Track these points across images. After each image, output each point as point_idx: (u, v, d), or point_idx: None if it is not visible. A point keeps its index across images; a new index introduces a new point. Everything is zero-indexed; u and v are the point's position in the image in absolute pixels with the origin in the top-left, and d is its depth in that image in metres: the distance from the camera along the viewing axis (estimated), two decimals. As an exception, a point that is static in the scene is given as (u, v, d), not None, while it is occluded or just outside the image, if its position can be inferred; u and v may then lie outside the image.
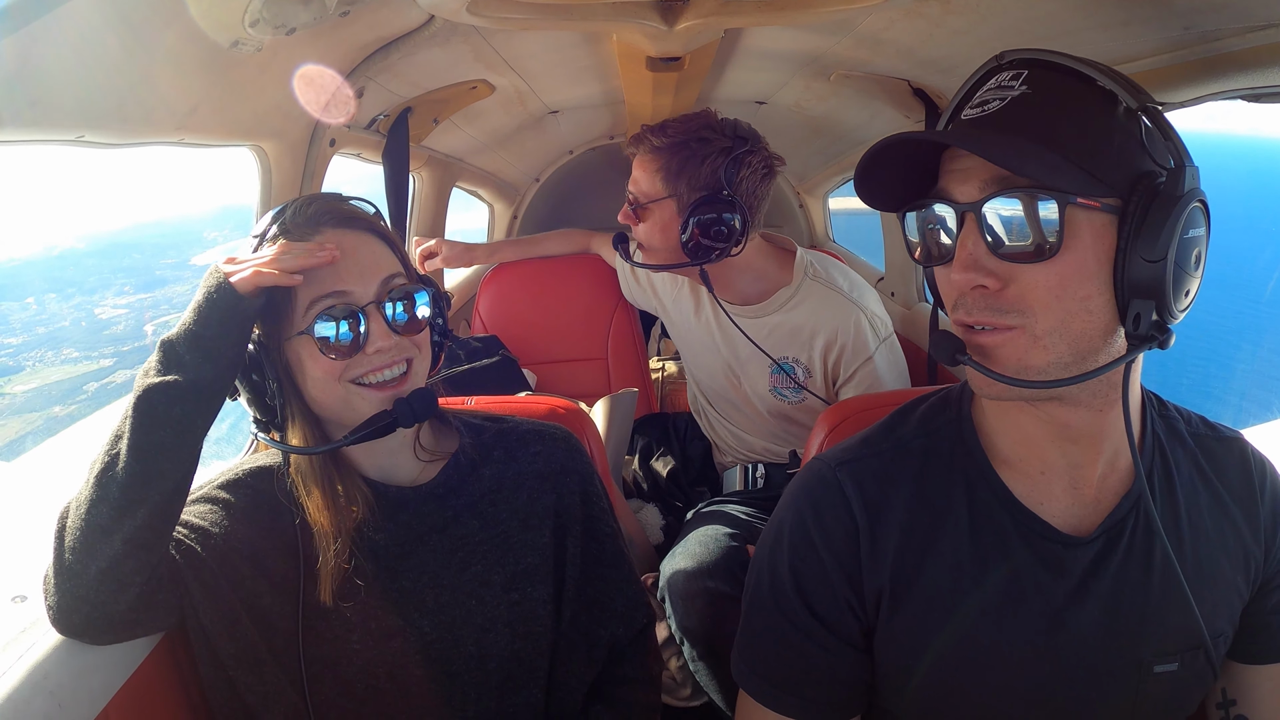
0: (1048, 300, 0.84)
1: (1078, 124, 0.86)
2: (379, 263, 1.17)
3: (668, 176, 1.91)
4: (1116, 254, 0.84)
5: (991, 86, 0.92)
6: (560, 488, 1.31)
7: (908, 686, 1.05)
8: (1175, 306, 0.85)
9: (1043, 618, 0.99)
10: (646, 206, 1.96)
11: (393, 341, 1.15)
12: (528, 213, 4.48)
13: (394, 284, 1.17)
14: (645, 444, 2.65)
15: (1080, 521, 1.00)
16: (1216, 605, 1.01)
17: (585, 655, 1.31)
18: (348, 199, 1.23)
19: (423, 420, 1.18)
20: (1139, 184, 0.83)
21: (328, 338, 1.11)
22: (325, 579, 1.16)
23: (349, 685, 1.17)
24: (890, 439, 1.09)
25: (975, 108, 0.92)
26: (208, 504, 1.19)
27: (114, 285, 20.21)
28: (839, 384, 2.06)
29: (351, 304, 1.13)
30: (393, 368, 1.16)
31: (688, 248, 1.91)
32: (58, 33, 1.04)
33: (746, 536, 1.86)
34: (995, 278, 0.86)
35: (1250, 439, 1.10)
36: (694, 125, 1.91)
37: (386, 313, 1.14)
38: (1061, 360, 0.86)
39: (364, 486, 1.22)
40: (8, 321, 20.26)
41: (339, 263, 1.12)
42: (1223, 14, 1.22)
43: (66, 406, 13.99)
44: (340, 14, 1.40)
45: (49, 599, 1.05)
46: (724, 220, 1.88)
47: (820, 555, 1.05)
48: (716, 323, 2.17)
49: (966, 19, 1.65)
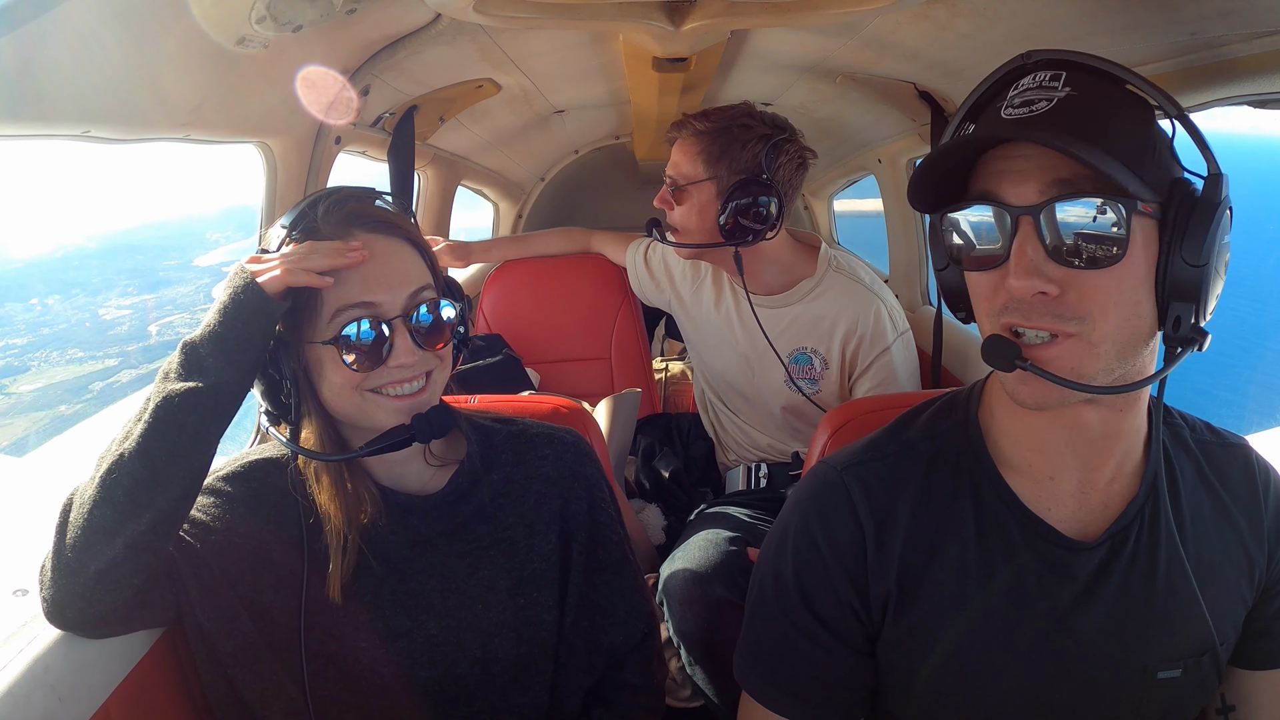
0: (1107, 306, 0.84)
1: (1125, 128, 0.86)
2: (409, 274, 1.14)
3: (709, 160, 1.95)
4: (1159, 258, 0.84)
5: (1031, 86, 0.90)
6: (567, 493, 1.31)
7: (912, 690, 1.05)
8: (1208, 308, 0.86)
9: (1047, 622, 0.99)
10: (685, 189, 1.99)
11: (416, 356, 1.12)
12: (533, 212, 4.48)
13: (422, 297, 1.14)
14: (648, 444, 2.65)
15: (1086, 526, 1.00)
16: (1220, 611, 1.01)
17: (587, 660, 1.31)
18: (379, 195, 1.20)
19: (440, 437, 1.17)
20: (1175, 189, 0.84)
21: (351, 348, 1.09)
22: (335, 575, 1.16)
23: (353, 683, 1.17)
24: (896, 443, 1.08)
25: (1019, 107, 0.89)
26: (209, 496, 1.17)
27: (117, 286, 20.34)
28: (855, 376, 2.09)
29: (378, 315, 1.10)
30: (413, 381, 1.14)
31: (725, 229, 1.95)
32: (64, 28, 1.04)
33: (748, 539, 1.86)
34: (1055, 283, 0.85)
35: (1257, 445, 1.09)
36: (735, 113, 1.97)
37: (412, 326, 1.12)
38: (1110, 365, 0.86)
39: (374, 489, 1.21)
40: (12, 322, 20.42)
41: (368, 271, 1.09)
42: (1229, 20, 1.21)
43: (72, 405, 14.09)
44: (347, 11, 1.40)
45: (44, 590, 1.05)
46: (762, 203, 1.93)
47: (825, 559, 1.04)
48: (738, 314, 2.20)
49: (974, 23, 1.65)
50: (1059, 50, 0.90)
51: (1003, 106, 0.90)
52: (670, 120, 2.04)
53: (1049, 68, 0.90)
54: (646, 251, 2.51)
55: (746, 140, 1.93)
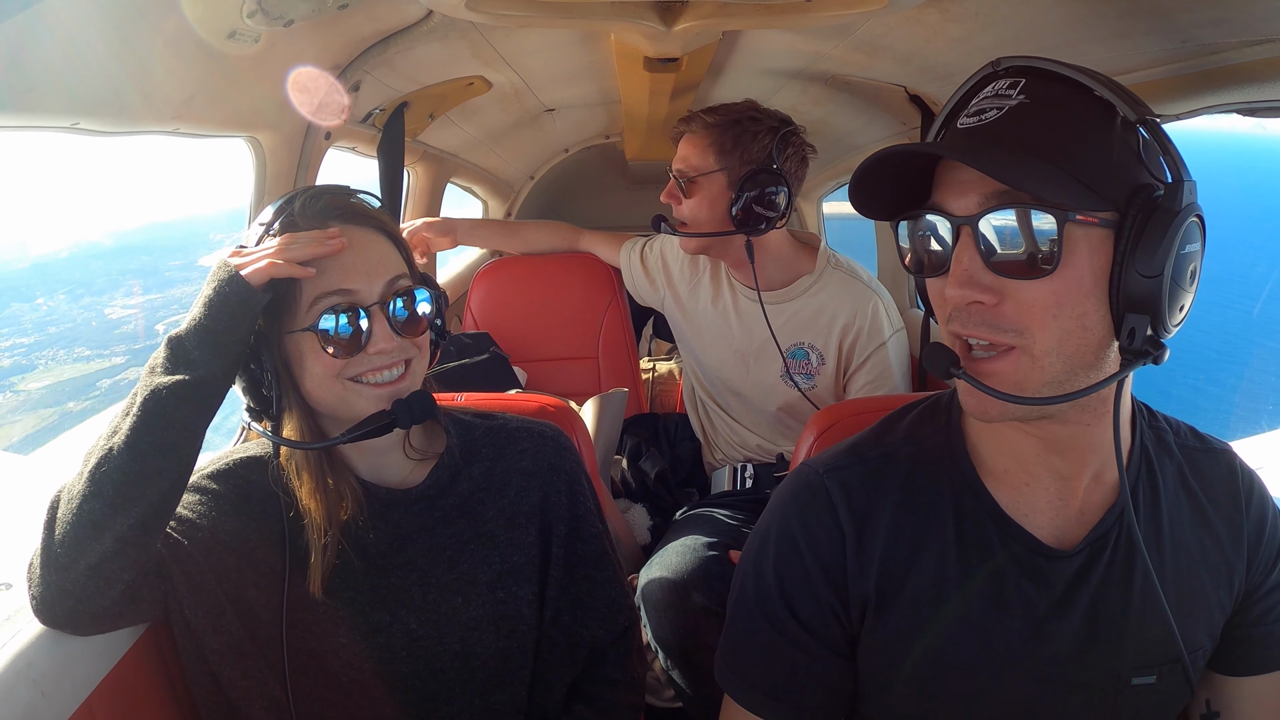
0: (1044, 318, 0.83)
1: (1076, 135, 0.85)
2: (385, 262, 1.16)
3: (721, 151, 1.99)
4: (1113, 268, 0.83)
5: (989, 95, 0.90)
6: (547, 486, 1.31)
7: (890, 694, 1.05)
8: (1169, 322, 0.84)
9: (1024, 628, 0.99)
10: (696, 180, 2.03)
11: (395, 343, 1.14)
12: (522, 210, 4.48)
13: (399, 285, 1.16)
14: (635, 444, 2.65)
15: (1065, 534, 1.00)
16: (1196, 619, 1.01)
17: (567, 654, 1.31)
18: (356, 192, 1.22)
19: (421, 422, 1.18)
20: (1136, 197, 0.82)
21: (330, 335, 1.10)
22: (315, 570, 1.16)
23: (334, 679, 1.17)
24: (879, 447, 1.08)
25: (972, 116, 0.90)
26: (195, 494, 1.17)
27: (123, 286, 20.38)
28: (851, 371, 2.12)
29: (356, 303, 1.12)
30: (393, 368, 1.16)
31: (737, 219, 1.99)
32: (54, 19, 1.03)
33: (729, 543, 1.87)
34: (991, 292, 0.85)
35: (1243, 450, 1.10)
36: (743, 107, 2.03)
37: (390, 313, 1.15)
38: (1056, 378, 0.86)
39: (354, 483, 1.21)
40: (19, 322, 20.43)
41: (345, 260, 1.12)
42: (1221, 28, 1.22)
43: (81, 402, 14.22)
44: (338, 7, 1.40)
45: (33, 588, 1.04)
46: (774, 192, 1.98)
47: (805, 561, 1.04)
48: (735, 310, 2.22)
49: (965, 27, 1.66)
50: (1027, 57, 0.89)
51: (960, 115, 0.92)
52: (661, 120, 2.05)
53: (1014, 75, 0.89)
54: (643, 250, 2.52)
55: (757, 132, 1.98)
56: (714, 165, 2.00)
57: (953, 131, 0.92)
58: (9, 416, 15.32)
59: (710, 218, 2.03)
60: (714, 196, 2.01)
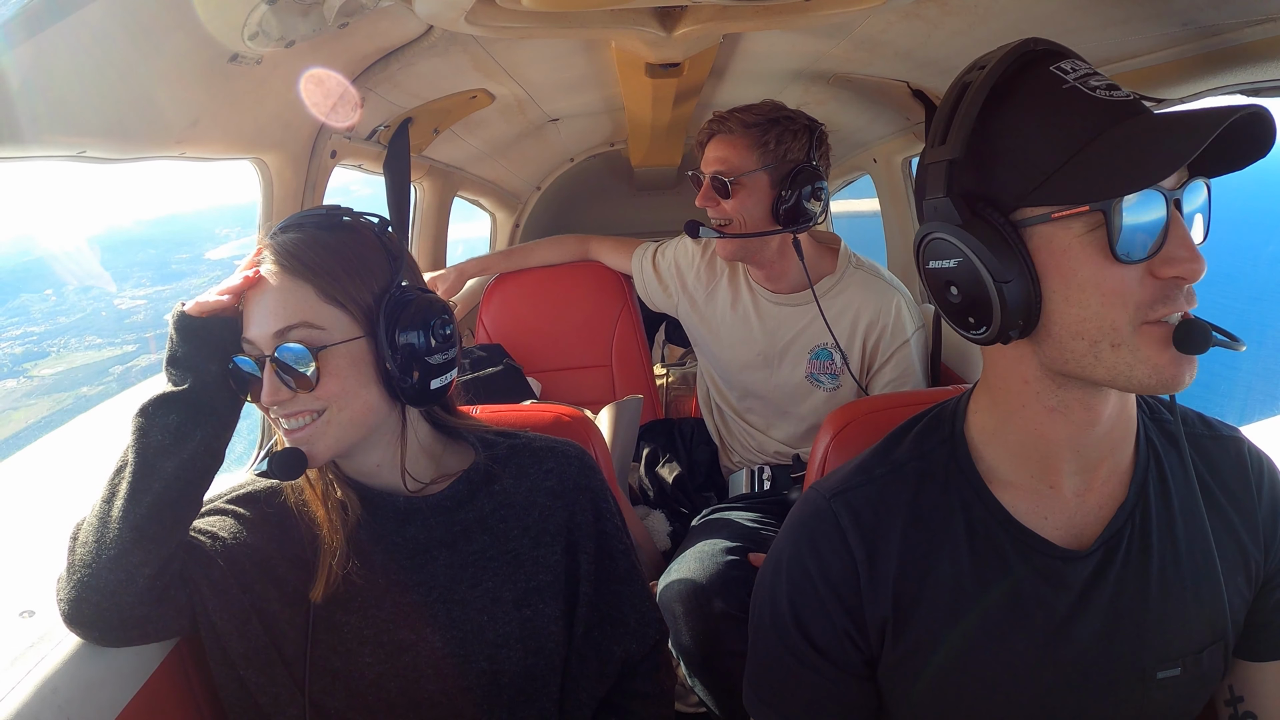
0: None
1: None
2: (282, 311, 1.10)
3: (764, 151, 2.00)
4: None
5: (1085, 72, 0.85)
6: (573, 505, 1.30)
7: (912, 706, 1.04)
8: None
9: (1044, 631, 0.98)
10: (739, 180, 2.02)
11: (286, 396, 1.10)
12: (529, 221, 4.48)
13: (291, 336, 1.09)
14: (651, 450, 2.65)
15: (1078, 534, 0.99)
16: (1215, 607, 1.00)
17: (598, 670, 1.31)
18: (346, 213, 1.20)
19: (285, 480, 1.18)
20: None
21: (237, 379, 1.13)
22: (320, 579, 1.17)
23: (360, 698, 1.17)
24: (885, 463, 1.07)
25: (1110, 90, 0.83)
26: (217, 515, 1.19)
27: (131, 278, 20.73)
28: (875, 369, 2.12)
29: (253, 353, 1.12)
30: (295, 418, 1.13)
31: (782, 217, 2.01)
32: (57, 49, 1.05)
33: (749, 546, 1.86)
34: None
35: (1253, 435, 1.09)
36: (772, 106, 2.04)
37: (279, 366, 1.10)
38: None
39: (352, 494, 1.22)
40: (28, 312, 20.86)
41: (252, 304, 1.12)
42: (1222, 9, 1.22)
43: (94, 387, 14.70)
44: (339, 25, 1.40)
45: (61, 594, 1.07)
46: (818, 188, 2.00)
47: (818, 588, 1.04)
48: (757, 312, 2.23)
49: (965, 20, 1.66)
50: (1050, 42, 0.89)
51: (1098, 89, 0.84)
52: (665, 126, 2.05)
53: (1054, 59, 0.87)
54: (655, 256, 2.52)
55: (795, 130, 2.00)
56: (756, 164, 2.00)
57: (1123, 104, 0.83)
58: (24, 400, 15.90)
59: (755, 217, 2.04)
60: (759, 195, 2.02)
